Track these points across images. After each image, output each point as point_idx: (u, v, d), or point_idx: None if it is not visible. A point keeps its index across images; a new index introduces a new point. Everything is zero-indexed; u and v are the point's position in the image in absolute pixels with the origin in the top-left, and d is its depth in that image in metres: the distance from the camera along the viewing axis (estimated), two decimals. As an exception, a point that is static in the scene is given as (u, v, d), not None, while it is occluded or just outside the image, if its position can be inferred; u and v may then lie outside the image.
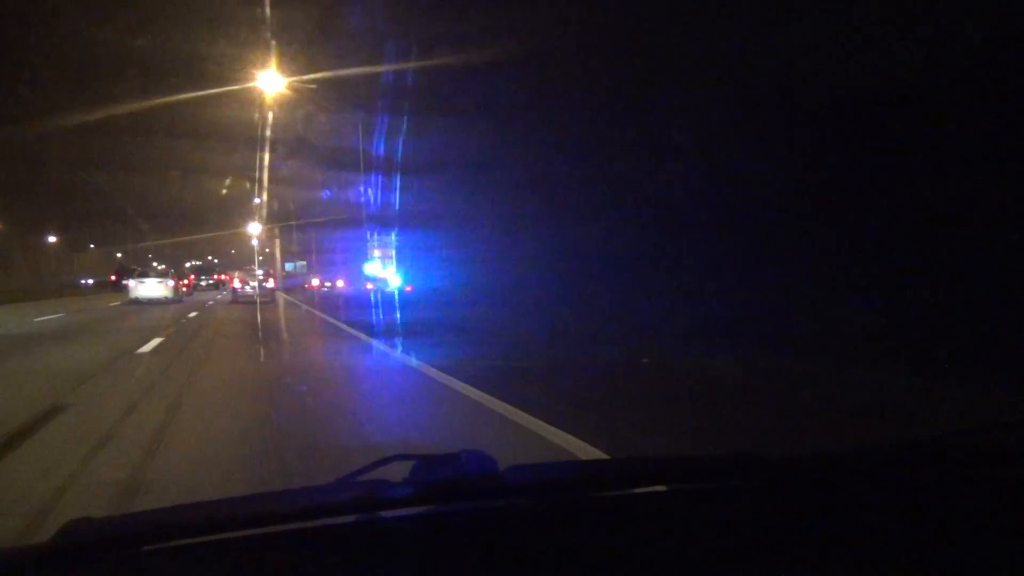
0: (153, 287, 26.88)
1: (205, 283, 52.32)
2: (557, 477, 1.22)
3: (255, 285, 29.29)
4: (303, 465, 3.76)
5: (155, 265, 46.77)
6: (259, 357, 9.52)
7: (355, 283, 28.78)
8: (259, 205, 45.10)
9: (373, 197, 25.38)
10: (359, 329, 13.44)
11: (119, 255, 70.43)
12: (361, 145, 23.80)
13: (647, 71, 12.42)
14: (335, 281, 36.52)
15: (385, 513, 1.05)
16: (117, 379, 7.00)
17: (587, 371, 7.57)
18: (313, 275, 43.76)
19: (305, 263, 49.09)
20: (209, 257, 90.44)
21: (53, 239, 54.79)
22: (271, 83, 19.37)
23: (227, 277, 43.94)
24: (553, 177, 16.93)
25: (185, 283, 39.51)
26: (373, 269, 24.12)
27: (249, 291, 28.77)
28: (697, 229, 11.45)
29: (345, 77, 19.02)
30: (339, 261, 36.87)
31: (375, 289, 23.29)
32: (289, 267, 49.01)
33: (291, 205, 43.81)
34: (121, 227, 60.61)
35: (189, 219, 61.49)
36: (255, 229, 51.44)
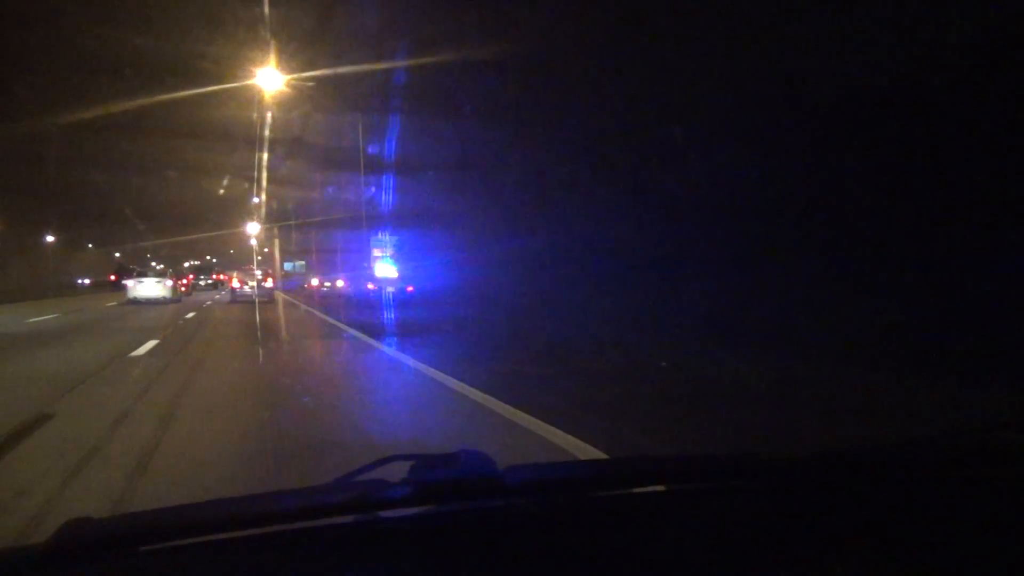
0: (152, 287, 26.74)
1: (204, 283, 52.35)
2: (556, 477, 1.21)
3: (254, 285, 29.42)
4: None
5: (153, 265, 46.58)
6: (258, 360, 9.26)
7: (355, 283, 28.57)
8: (258, 205, 44.80)
9: (373, 196, 25.20)
10: (361, 330, 13.17)
11: (117, 255, 70.19)
12: (361, 144, 23.62)
13: (653, 70, 12.37)
14: (335, 281, 36.23)
15: (384, 513, 1.05)
16: (108, 385, 6.70)
17: (603, 376, 7.31)
18: (312, 275, 43.50)
19: (304, 263, 48.90)
20: (208, 257, 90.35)
21: (51, 239, 54.46)
22: (270, 81, 19.12)
23: (226, 277, 43.74)
24: (556, 176, 16.89)
25: (184, 283, 39.26)
26: (373, 269, 23.85)
27: (248, 291, 28.93)
28: (702, 229, 11.43)
29: (345, 75, 18.78)
30: (339, 261, 36.72)
31: (376, 289, 23.04)
32: (288, 267, 48.77)
33: (290, 205, 43.56)
34: (119, 227, 60.28)
35: (188, 219, 61.12)
36: (254, 229, 51.11)
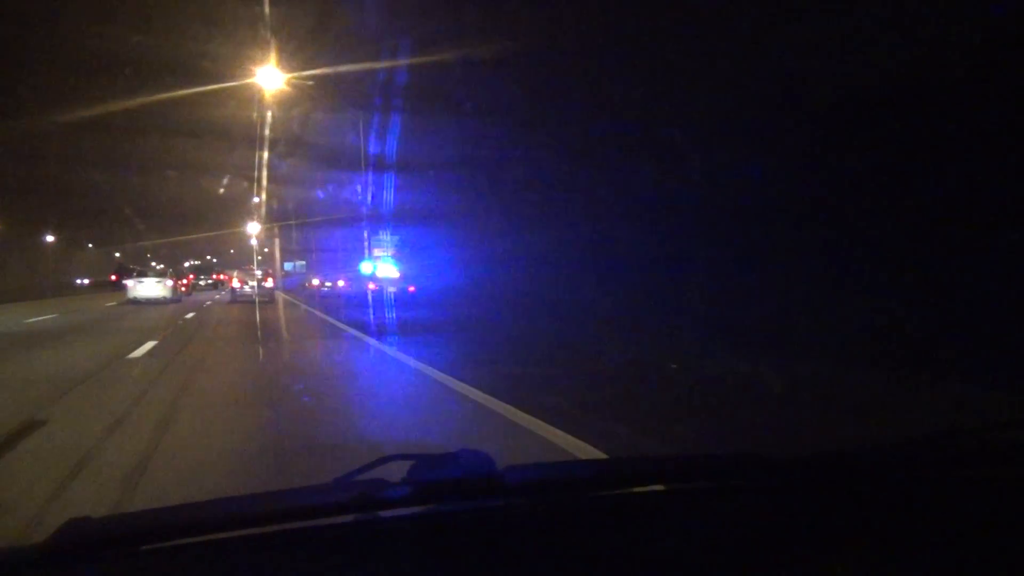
0: (152, 287, 26.60)
1: (204, 283, 52.23)
2: (555, 477, 1.20)
3: (254, 285, 29.46)
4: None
5: (154, 265, 46.43)
6: (258, 362, 9.04)
7: (356, 283, 28.37)
8: (258, 204, 44.56)
9: (374, 195, 25.01)
10: (363, 332, 12.95)
11: (117, 255, 69.97)
12: (362, 143, 23.41)
13: (656, 69, 12.32)
14: (336, 281, 36.03)
15: (383, 513, 1.04)
16: (104, 388, 6.45)
17: (615, 379, 7.04)
18: (313, 275, 43.31)
19: (304, 263, 48.70)
20: (208, 257, 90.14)
21: (50, 238, 54.27)
22: (270, 80, 18.93)
23: (226, 277, 43.60)
24: (558, 175, 16.77)
25: (184, 283, 39.07)
26: (375, 269, 23.65)
27: (248, 291, 28.98)
28: (704, 229, 11.35)
29: (345, 74, 18.56)
30: (340, 260, 36.53)
31: (377, 289, 22.86)
32: (288, 267, 48.57)
33: (290, 204, 43.33)
34: (119, 226, 60.00)
35: (188, 218, 60.80)
36: (254, 228, 50.83)
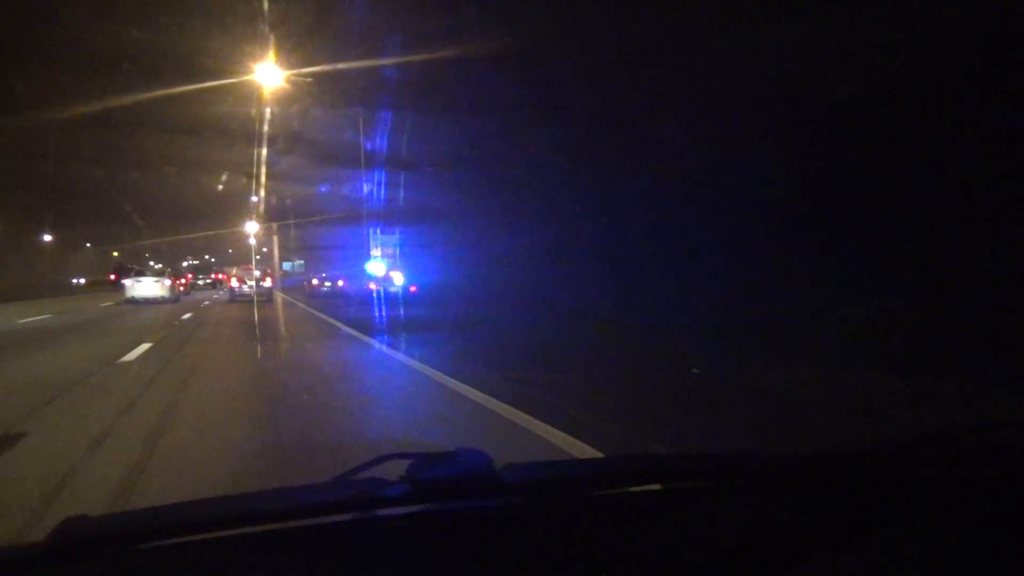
0: (150, 286, 26.28)
1: (203, 282, 51.91)
2: (553, 476, 1.20)
3: (252, 284, 29.37)
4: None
5: (152, 264, 46.04)
6: (256, 366, 8.65)
7: (356, 282, 28.04)
8: (257, 203, 44.21)
9: (375, 194, 24.69)
10: (366, 333, 12.57)
11: (115, 254, 69.62)
12: (362, 141, 23.08)
13: (653, 68, 12.09)
14: (336, 281, 35.68)
15: (381, 511, 1.04)
16: (91, 396, 6.05)
17: (633, 386, 6.62)
18: (313, 274, 42.92)
19: (303, 262, 48.32)
20: (206, 256, 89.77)
21: (48, 238, 53.91)
22: (269, 76, 18.64)
23: (224, 276, 43.29)
24: (561, 174, 16.53)
25: (182, 282, 38.67)
26: (376, 268, 23.33)
27: (247, 290, 28.86)
28: (705, 229, 11.24)
29: (345, 71, 18.23)
30: (340, 260, 36.18)
31: (378, 289, 22.52)
32: (287, 266, 48.17)
33: (289, 202, 42.97)
34: (117, 225, 59.80)
35: (186, 217, 60.68)
36: (253, 227, 50.45)
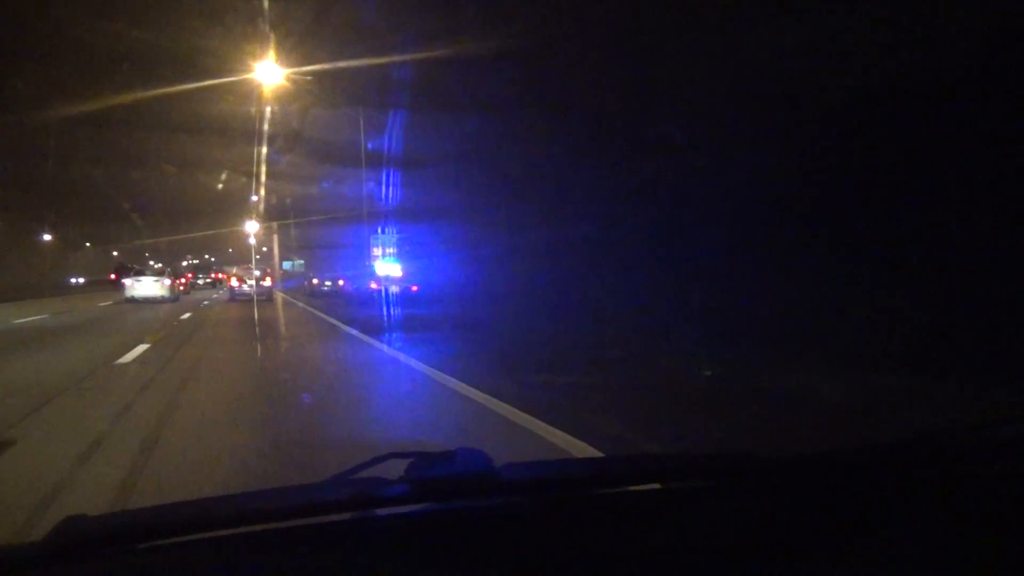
0: (149, 286, 26.14)
1: (203, 282, 51.77)
2: (552, 475, 1.20)
3: (252, 284, 29.49)
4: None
5: (152, 263, 45.86)
6: (257, 366, 8.46)
7: (358, 282, 27.89)
8: (257, 202, 43.99)
9: (376, 193, 24.51)
10: (366, 333, 12.38)
11: (115, 253, 69.42)
12: (362, 140, 22.91)
13: (653, 68, 12.01)
14: (337, 280, 35.49)
15: (381, 511, 1.03)
16: (86, 400, 5.84)
17: (650, 390, 6.32)
18: (313, 274, 42.72)
19: (303, 262, 48.09)
20: (206, 255, 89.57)
21: (48, 237, 53.74)
22: (269, 75, 18.49)
23: (224, 276, 43.15)
24: (563, 173, 16.39)
25: (182, 282, 38.48)
26: (377, 268, 23.19)
27: (247, 290, 28.92)
28: (706, 228, 11.13)
29: (346, 69, 18.06)
30: (340, 259, 36.00)
31: (380, 288, 22.36)
32: (287, 266, 47.95)
33: (289, 202, 42.75)
34: (117, 225, 59.62)
35: (186, 216, 60.32)
36: (253, 227, 50.24)
